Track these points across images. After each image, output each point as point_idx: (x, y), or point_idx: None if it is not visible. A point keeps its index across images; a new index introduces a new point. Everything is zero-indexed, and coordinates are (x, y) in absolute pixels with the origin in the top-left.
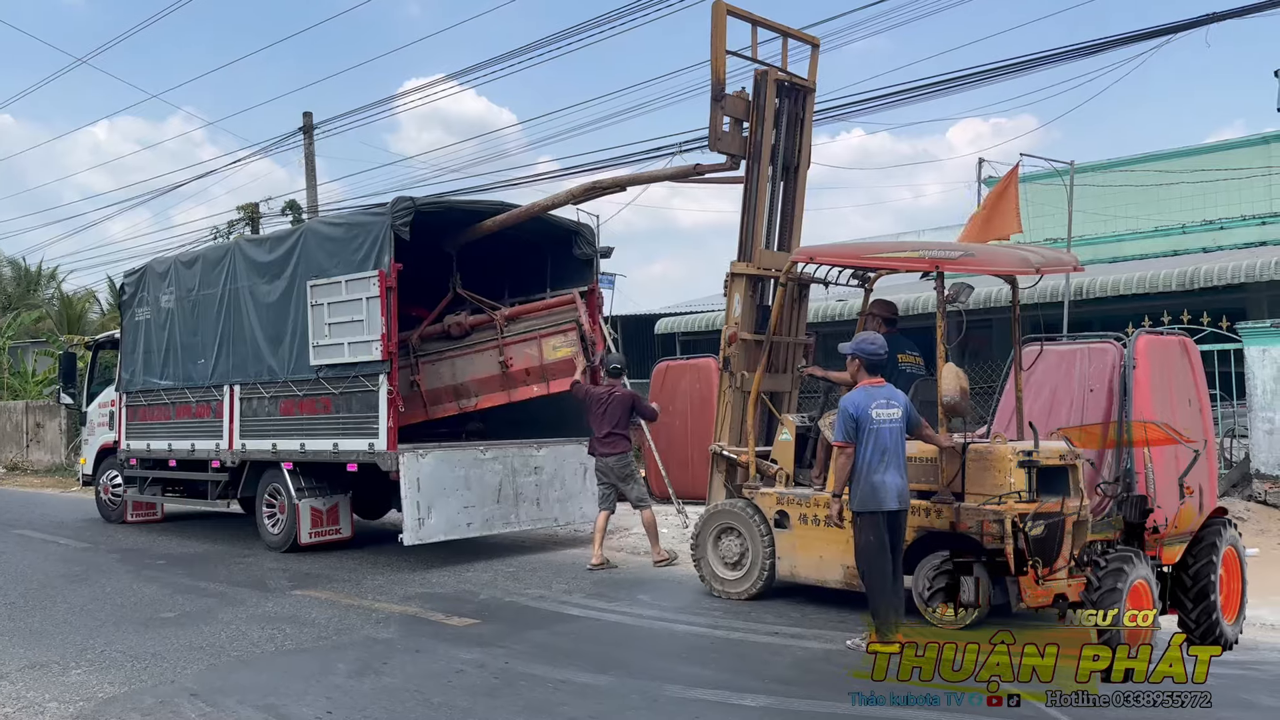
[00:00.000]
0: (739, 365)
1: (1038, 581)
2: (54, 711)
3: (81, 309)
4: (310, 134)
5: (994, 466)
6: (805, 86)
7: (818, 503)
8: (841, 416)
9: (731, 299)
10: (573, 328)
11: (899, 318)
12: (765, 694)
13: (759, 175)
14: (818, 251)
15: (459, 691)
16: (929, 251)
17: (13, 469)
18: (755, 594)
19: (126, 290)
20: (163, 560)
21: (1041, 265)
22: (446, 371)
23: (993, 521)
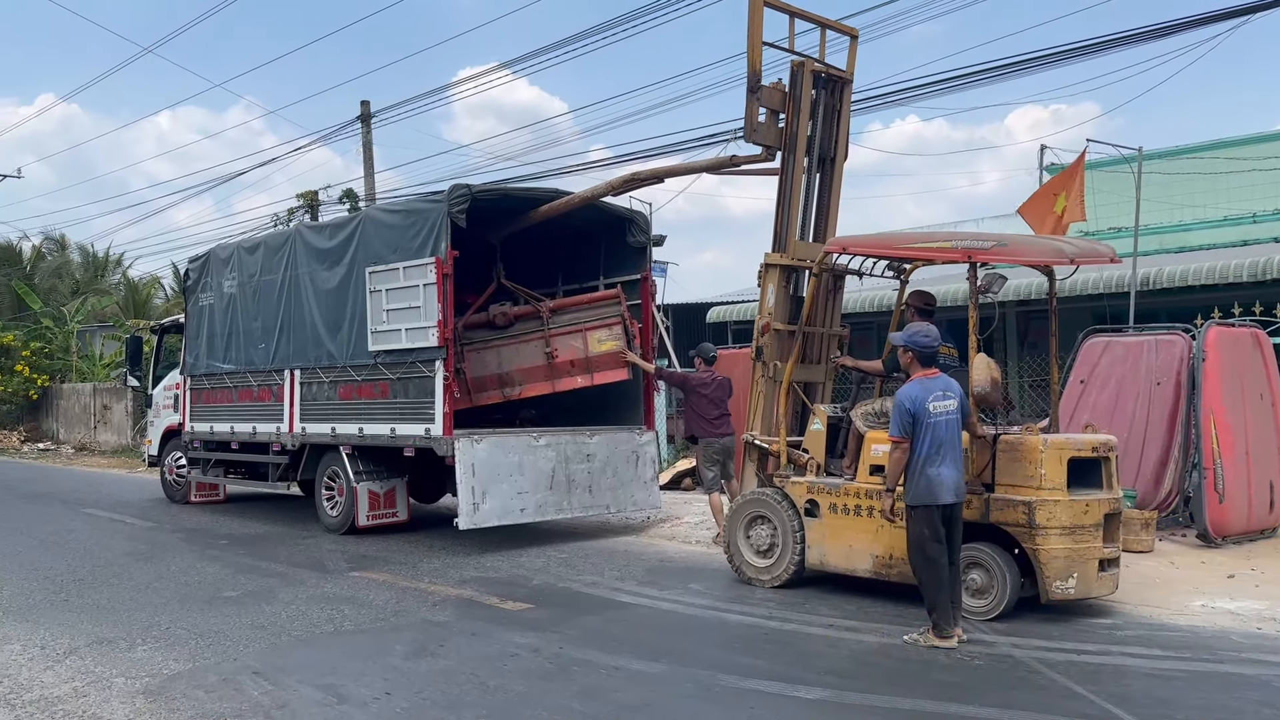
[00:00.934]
0: (771, 355)
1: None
2: (121, 686)
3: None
4: (368, 122)
5: (1024, 457)
6: (843, 77)
7: (848, 492)
8: (898, 411)
9: (765, 289)
10: (618, 321)
11: (935, 308)
12: (821, 686)
13: (794, 167)
14: (850, 242)
15: (514, 675)
16: (961, 242)
17: (81, 449)
18: (785, 582)
19: (191, 276)
20: (225, 540)
21: (1076, 256)
22: (492, 360)
23: (1022, 513)
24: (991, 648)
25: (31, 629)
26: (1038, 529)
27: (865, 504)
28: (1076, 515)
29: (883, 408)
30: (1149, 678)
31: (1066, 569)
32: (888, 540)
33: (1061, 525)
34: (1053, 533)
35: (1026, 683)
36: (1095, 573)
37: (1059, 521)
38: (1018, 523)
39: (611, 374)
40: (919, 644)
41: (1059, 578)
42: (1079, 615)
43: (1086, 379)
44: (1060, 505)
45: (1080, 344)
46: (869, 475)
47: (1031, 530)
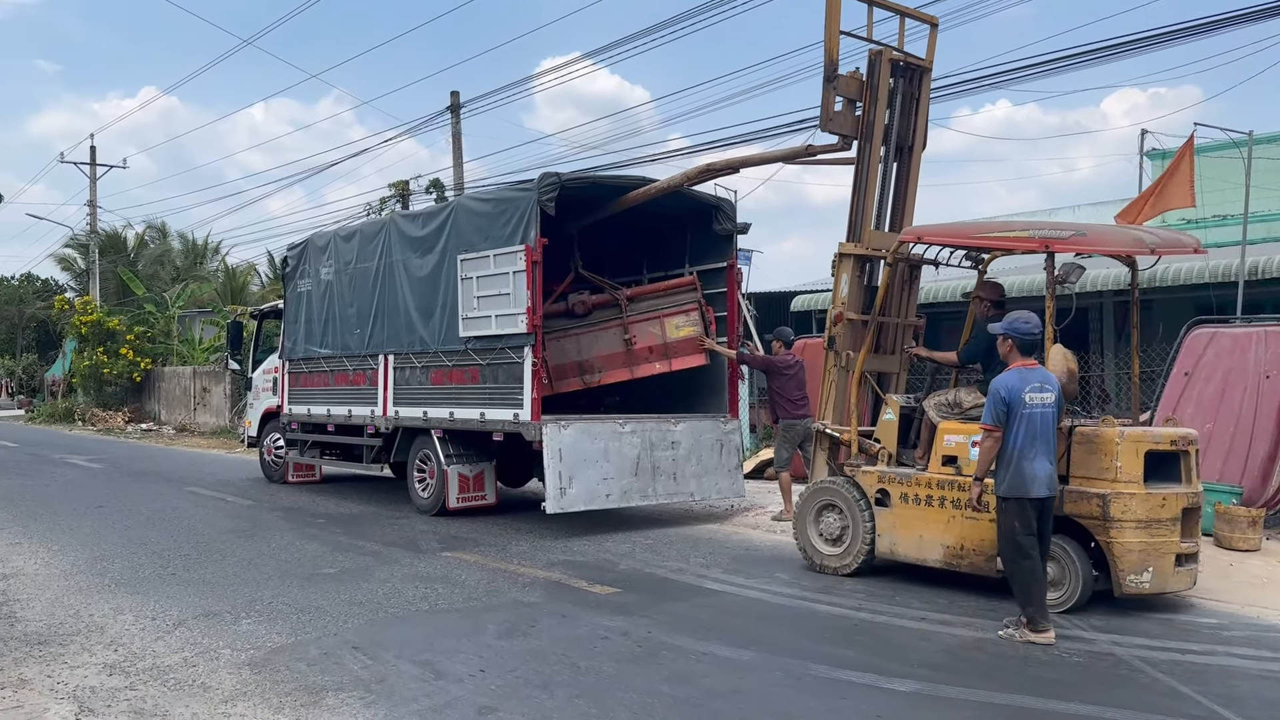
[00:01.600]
0: (844, 345)
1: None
2: (227, 658)
3: (244, 281)
4: (457, 113)
5: (1100, 449)
6: (921, 66)
7: (919, 482)
8: (992, 399)
9: (839, 279)
10: (694, 307)
11: (1005, 300)
12: (914, 679)
13: (870, 156)
14: (925, 231)
15: (604, 657)
16: (1039, 231)
17: (181, 430)
18: (854, 570)
19: (289, 263)
20: (322, 519)
21: (1157, 246)
22: (571, 348)
23: (1096, 505)
24: (1091, 645)
25: (142, 601)
26: (1112, 522)
27: (937, 494)
28: (1153, 509)
29: (956, 398)
30: (1258, 679)
31: (1141, 563)
32: (959, 531)
33: (1137, 518)
34: (1127, 526)
35: (1129, 681)
36: (1171, 567)
37: (1134, 515)
38: (1092, 515)
39: (689, 360)
40: (1014, 638)
41: (1133, 571)
42: (1182, 613)
43: (1191, 371)
44: (1136, 498)
45: (1185, 335)
46: (941, 466)
47: (1106, 523)
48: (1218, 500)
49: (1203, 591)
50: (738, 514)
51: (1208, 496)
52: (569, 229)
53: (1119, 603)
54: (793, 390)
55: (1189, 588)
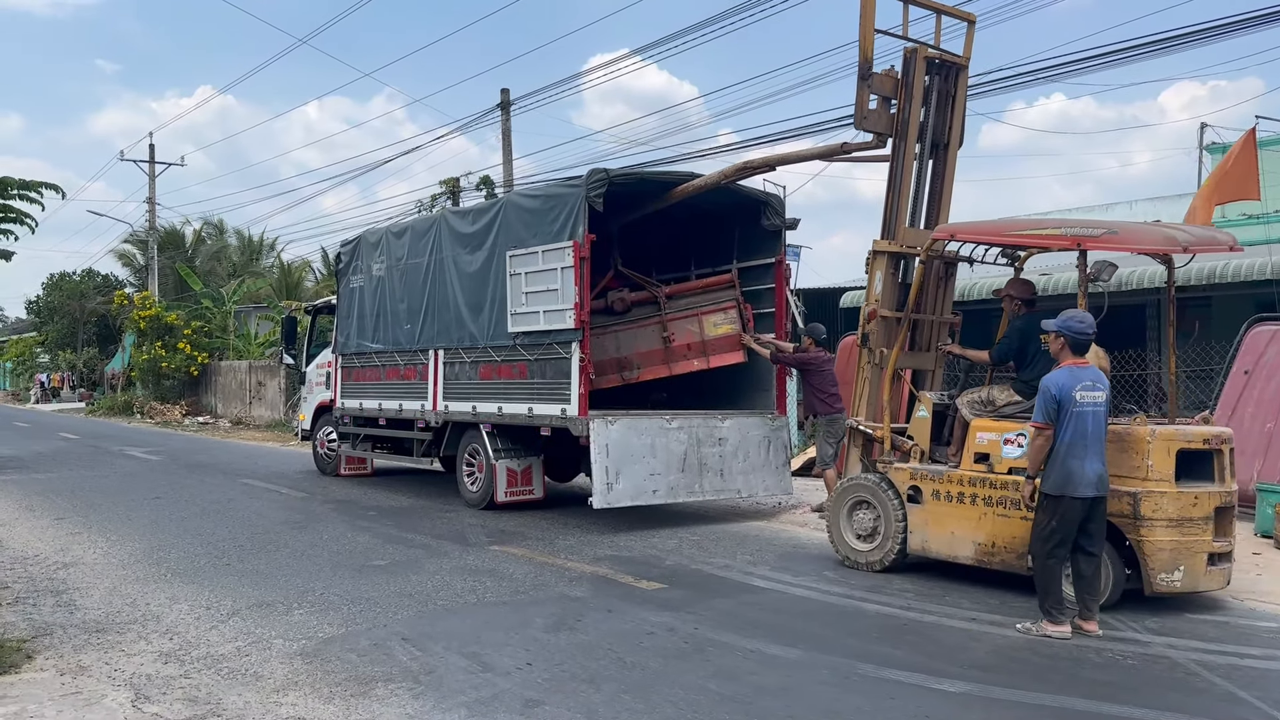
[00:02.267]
0: (878, 342)
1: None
2: (279, 648)
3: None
4: (508, 110)
5: (1131, 447)
6: (957, 63)
7: (951, 479)
8: (1043, 397)
9: (873, 276)
10: (732, 305)
11: (1038, 297)
12: (964, 680)
13: (905, 153)
14: (959, 229)
15: (650, 653)
16: (1071, 229)
17: (237, 423)
18: (886, 566)
19: (342, 259)
20: (373, 512)
21: (1191, 244)
22: (610, 344)
23: (1127, 503)
24: (1146, 647)
25: (197, 591)
26: (1143, 520)
27: (969, 491)
28: (1184, 507)
29: (989, 396)
30: None
31: (1172, 561)
32: (990, 528)
33: (1168, 517)
34: (1158, 524)
35: (1184, 685)
36: (1204, 566)
37: (1165, 513)
38: (1123, 513)
39: (727, 357)
40: (1031, 632)
41: (1164, 570)
42: (1240, 616)
43: (1251, 369)
44: (1167, 497)
45: (1245, 333)
46: (973, 463)
47: (1136, 521)
48: (1278, 502)
49: (1262, 595)
50: (785, 511)
51: (1269, 498)
52: (610, 227)
53: (1174, 604)
54: (828, 385)
55: (1222, 587)
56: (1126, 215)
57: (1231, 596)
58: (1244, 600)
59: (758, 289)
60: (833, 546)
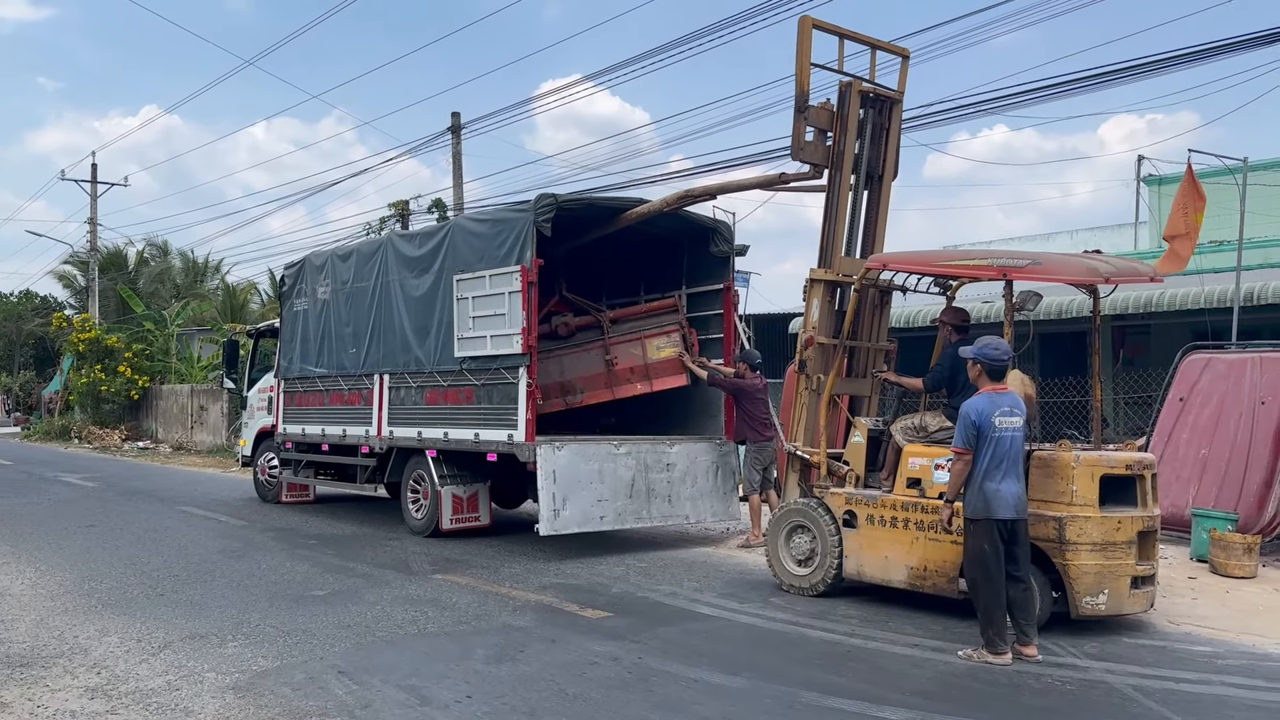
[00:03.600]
0: (815, 368)
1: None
2: (212, 681)
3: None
4: (458, 134)
5: (1056, 473)
6: (891, 97)
7: (885, 504)
8: (962, 423)
9: (810, 304)
10: (675, 329)
11: (971, 325)
12: (906, 708)
13: (840, 185)
14: (892, 258)
15: (593, 684)
16: (997, 260)
17: (178, 449)
18: (823, 590)
19: (286, 281)
20: (314, 540)
21: (1112, 275)
22: (554, 368)
23: (1053, 528)
24: (1085, 673)
25: (128, 622)
26: (1068, 545)
27: (901, 516)
28: (1108, 532)
29: (922, 422)
30: (1252, 710)
31: (1097, 585)
32: (922, 552)
33: (1092, 541)
34: (1083, 549)
35: (1121, 710)
36: (1127, 590)
37: (1089, 538)
38: (1048, 538)
39: (670, 380)
40: (973, 659)
41: (1089, 593)
42: (1176, 641)
43: (1186, 397)
44: (1091, 522)
45: (1180, 361)
46: (906, 488)
47: (1062, 545)
48: (1213, 527)
49: (1198, 619)
50: (733, 537)
51: (1203, 523)
52: (557, 252)
53: (1112, 628)
54: (760, 413)
55: (1145, 609)
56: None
57: (1168, 621)
58: (1180, 625)
59: (707, 314)
60: (771, 571)
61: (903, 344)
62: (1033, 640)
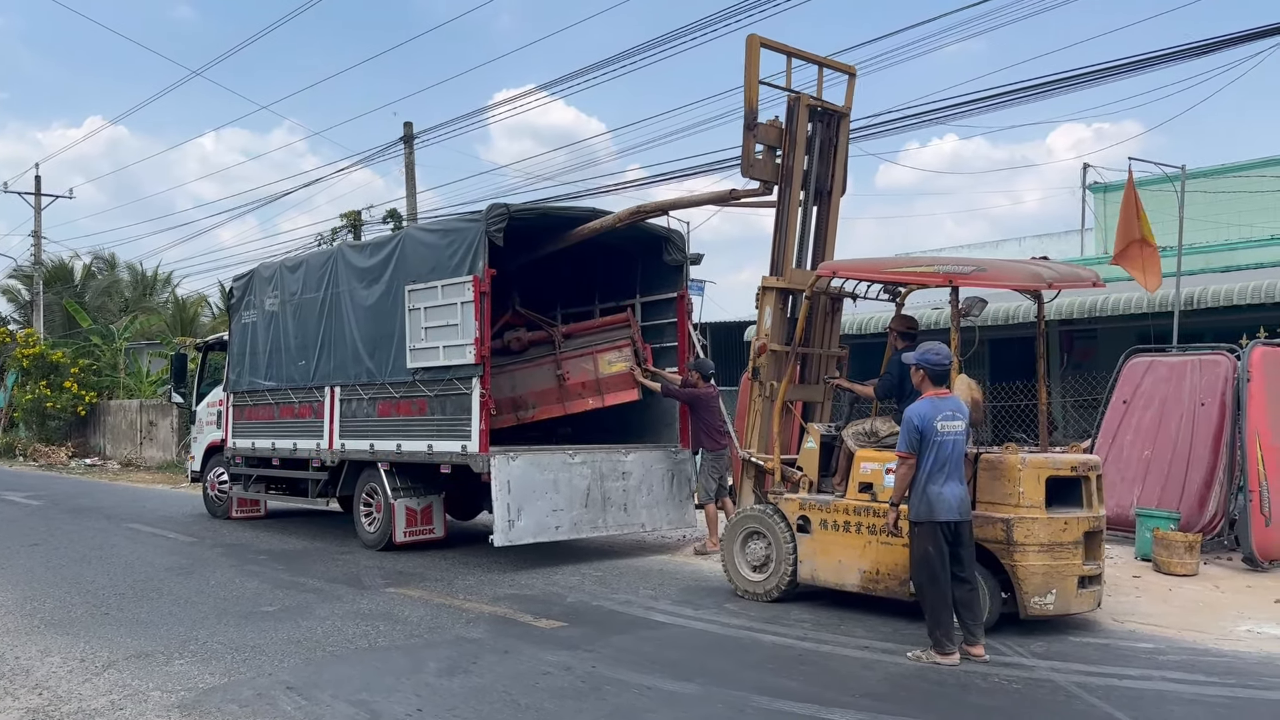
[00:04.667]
0: (768, 375)
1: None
2: (157, 700)
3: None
4: (410, 144)
5: (1003, 476)
6: (839, 111)
7: (837, 509)
8: (906, 427)
9: (762, 311)
10: (627, 343)
11: (917, 332)
12: (855, 709)
13: (790, 200)
14: (841, 266)
15: (545, 694)
16: (943, 267)
17: (127, 465)
18: (777, 596)
19: (234, 294)
20: (264, 556)
21: (1055, 280)
22: (506, 384)
23: (1000, 530)
24: (1030, 671)
25: (71, 642)
26: (1015, 546)
27: (854, 520)
28: (1054, 533)
29: (873, 427)
30: (1191, 704)
31: (1045, 585)
32: (874, 556)
33: (1039, 542)
34: (1030, 549)
35: (1065, 708)
36: (1075, 589)
37: (1037, 539)
38: (996, 539)
39: (622, 395)
40: (922, 660)
41: (1037, 593)
42: (1120, 639)
43: (1129, 399)
44: (1038, 523)
45: (1123, 364)
46: (858, 493)
47: (1009, 547)
48: (1156, 526)
49: (1142, 617)
50: (689, 545)
51: (1147, 522)
52: (510, 266)
53: (1058, 627)
54: (715, 421)
55: (1093, 609)
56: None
57: (1112, 619)
58: (1125, 623)
59: (661, 323)
60: (727, 577)
61: (855, 350)
62: (980, 640)
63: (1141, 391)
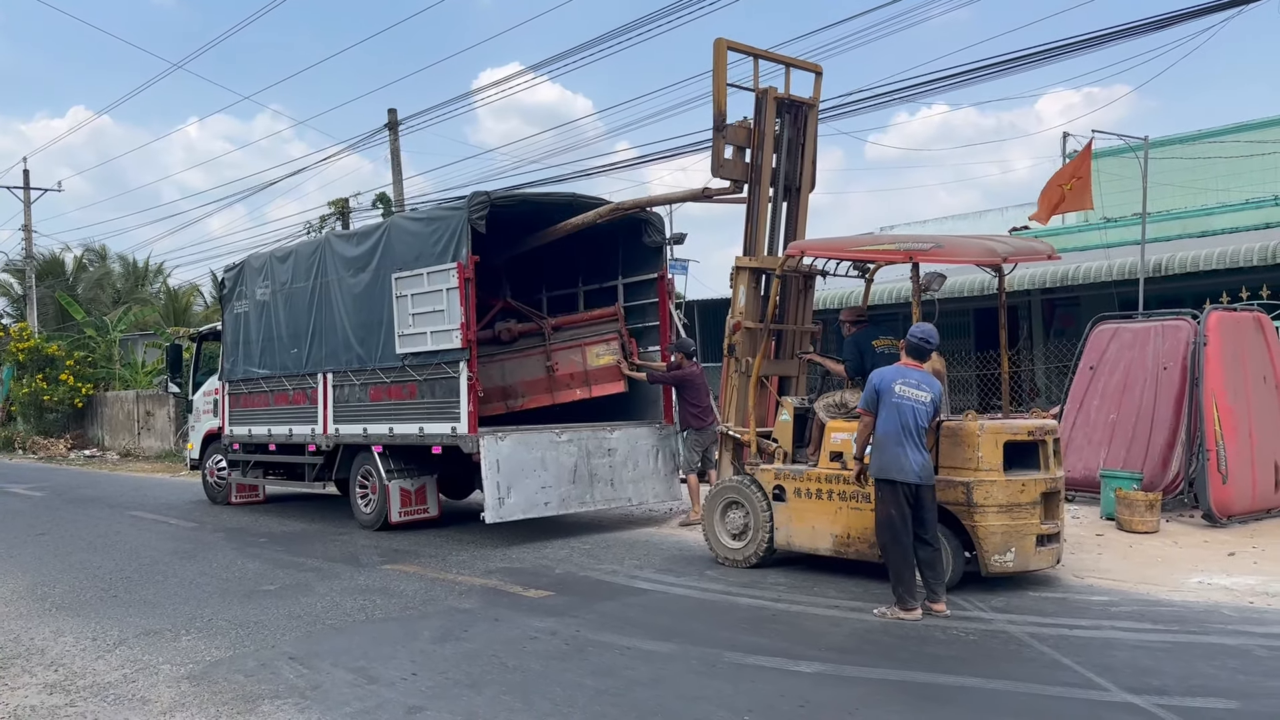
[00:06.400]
0: (744, 351)
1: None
2: (166, 673)
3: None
4: (395, 130)
5: (963, 441)
6: (806, 103)
7: (810, 477)
8: (866, 388)
9: (737, 290)
10: (615, 337)
11: (868, 314)
12: (820, 661)
13: (760, 197)
14: (808, 245)
15: (532, 656)
16: (903, 244)
17: (125, 455)
18: (756, 562)
19: (226, 284)
20: (264, 538)
21: (1010, 254)
22: (496, 373)
23: (961, 492)
24: (988, 624)
25: (83, 623)
26: (975, 507)
27: (826, 488)
28: (1013, 494)
29: (843, 399)
30: (1135, 649)
31: (1004, 544)
32: (845, 521)
33: (998, 503)
34: (990, 510)
35: (1016, 656)
36: (1033, 547)
37: (995, 500)
38: (958, 501)
39: (609, 386)
40: (886, 616)
41: (997, 552)
42: (1078, 593)
43: (1096, 365)
44: (996, 485)
45: (1089, 331)
46: (829, 462)
47: (970, 508)
48: (1119, 486)
49: (1101, 572)
50: (676, 517)
51: (1110, 483)
52: (498, 259)
53: (1020, 584)
54: (701, 399)
55: (1052, 565)
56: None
57: (1073, 575)
58: (1084, 578)
59: (642, 303)
60: (708, 546)
61: (834, 325)
62: (941, 597)
63: (1107, 358)
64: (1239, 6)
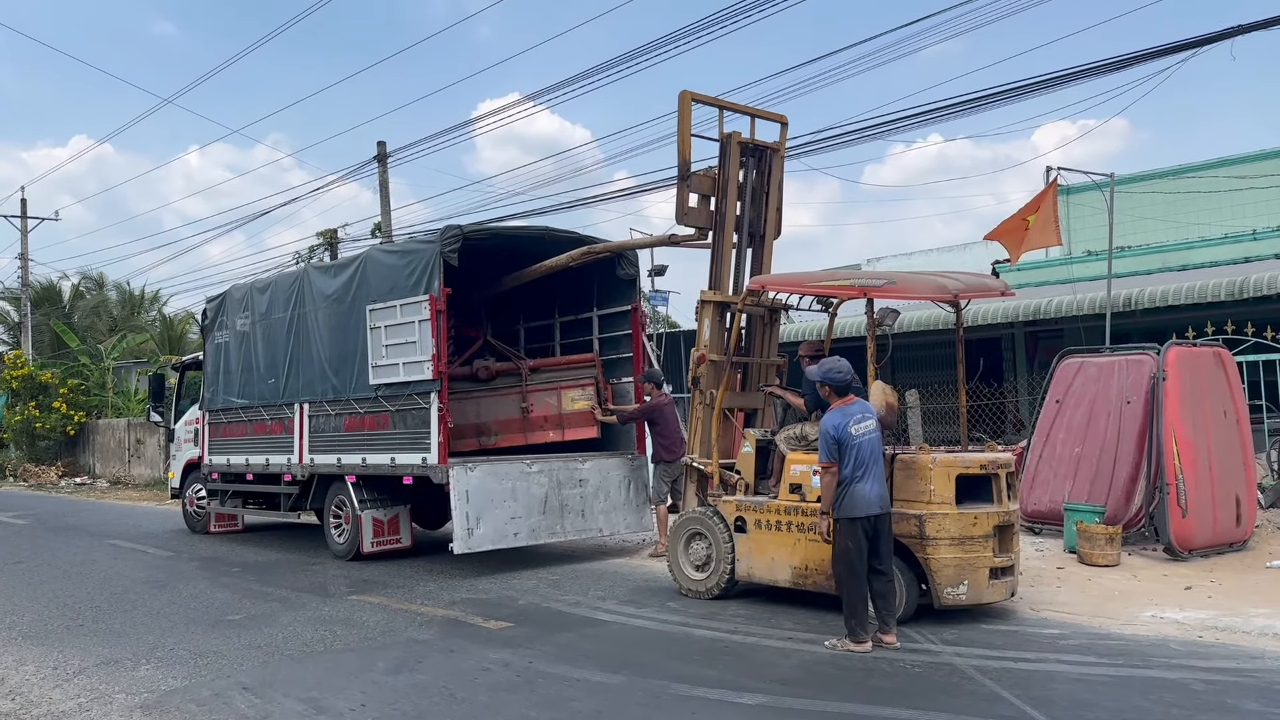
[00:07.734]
0: (708, 384)
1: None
2: (121, 702)
3: (182, 330)
4: (384, 162)
5: (916, 474)
6: (771, 148)
7: (770, 509)
8: (823, 439)
9: (702, 323)
10: (590, 383)
11: (823, 353)
12: (764, 693)
13: (724, 244)
14: (769, 280)
15: (482, 688)
16: (858, 280)
17: (116, 483)
18: (718, 593)
19: (208, 315)
20: (237, 568)
21: (961, 291)
22: (471, 410)
23: (914, 525)
24: (935, 656)
25: (46, 652)
26: (928, 540)
27: (785, 520)
28: (965, 527)
29: (803, 432)
30: (1075, 682)
31: (957, 577)
32: (804, 553)
33: (950, 536)
34: (942, 543)
35: (956, 688)
36: (986, 580)
37: (948, 533)
38: (911, 534)
39: (582, 431)
40: (838, 648)
41: (949, 584)
42: (1031, 626)
43: (1062, 398)
44: (949, 518)
45: (1056, 365)
46: (788, 493)
47: (923, 541)
48: (1081, 519)
49: (1058, 605)
50: (647, 548)
51: (1073, 516)
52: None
53: (974, 616)
54: (671, 432)
55: (1005, 598)
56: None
57: (1029, 608)
58: (1039, 611)
59: (616, 335)
60: (672, 577)
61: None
62: (892, 629)
63: (1073, 391)
64: (1224, 40)
